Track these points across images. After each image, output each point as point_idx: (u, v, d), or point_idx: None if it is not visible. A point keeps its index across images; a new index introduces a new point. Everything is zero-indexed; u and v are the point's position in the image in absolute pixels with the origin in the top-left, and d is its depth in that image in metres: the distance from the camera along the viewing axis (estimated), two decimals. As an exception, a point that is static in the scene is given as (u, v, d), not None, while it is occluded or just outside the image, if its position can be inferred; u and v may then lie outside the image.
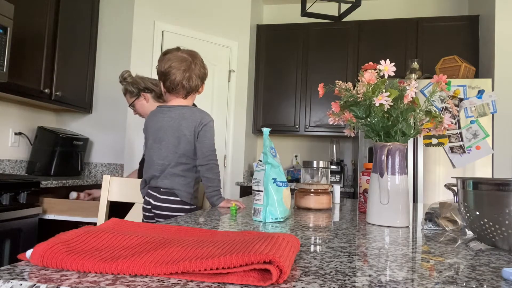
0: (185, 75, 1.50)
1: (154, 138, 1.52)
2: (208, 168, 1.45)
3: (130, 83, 1.91)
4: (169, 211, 1.45)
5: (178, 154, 1.47)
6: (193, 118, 1.49)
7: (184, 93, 1.53)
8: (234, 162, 3.65)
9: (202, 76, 1.57)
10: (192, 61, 1.53)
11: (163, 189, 1.47)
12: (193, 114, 1.51)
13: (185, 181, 1.47)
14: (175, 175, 1.47)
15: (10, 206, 1.94)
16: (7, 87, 2.30)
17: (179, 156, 1.47)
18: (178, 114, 1.50)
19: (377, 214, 1.07)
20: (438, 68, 3.16)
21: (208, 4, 3.54)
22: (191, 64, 1.52)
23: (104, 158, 3.12)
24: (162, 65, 1.52)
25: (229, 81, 3.65)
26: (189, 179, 1.48)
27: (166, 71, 1.51)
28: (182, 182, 1.47)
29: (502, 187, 0.74)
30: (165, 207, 1.45)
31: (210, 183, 1.44)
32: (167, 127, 1.50)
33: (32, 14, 2.50)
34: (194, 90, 1.55)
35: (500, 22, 3.11)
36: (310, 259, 0.64)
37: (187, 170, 1.48)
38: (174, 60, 1.51)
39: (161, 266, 0.50)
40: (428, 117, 1.09)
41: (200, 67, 1.56)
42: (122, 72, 1.93)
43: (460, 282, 0.54)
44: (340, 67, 3.76)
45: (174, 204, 1.45)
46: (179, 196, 1.46)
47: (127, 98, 1.99)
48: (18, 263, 0.54)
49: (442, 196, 2.92)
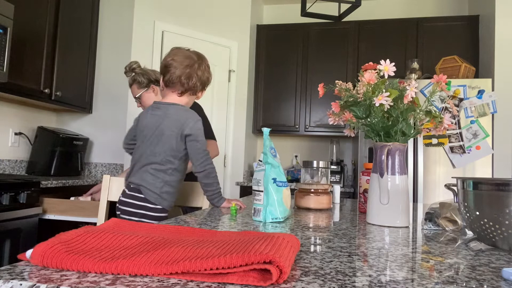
0: (186, 71, 1.47)
1: (139, 134, 1.51)
2: (205, 175, 1.43)
3: (140, 73, 1.89)
4: (131, 207, 1.43)
5: (153, 152, 1.45)
6: (176, 118, 1.44)
7: (180, 89, 1.49)
8: (234, 162, 3.65)
9: (204, 80, 1.53)
10: (197, 61, 1.51)
11: (132, 184, 1.47)
12: (177, 113, 1.46)
13: (153, 180, 1.44)
14: (145, 172, 1.45)
15: (10, 206, 1.94)
16: (7, 87, 2.30)
17: (154, 155, 1.45)
18: (162, 113, 1.47)
19: (377, 214, 1.07)
20: (438, 68, 3.16)
21: (208, 4, 3.54)
22: (195, 63, 1.50)
23: (104, 158, 3.12)
24: (166, 58, 1.50)
25: (229, 81, 3.65)
26: (158, 179, 1.44)
27: (168, 64, 1.48)
28: (150, 181, 1.44)
29: (502, 187, 0.74)
30: (129, 202, 1.44)
31: (209, 187, 1.43)
32: (151, 125, 1.47)
33: (32, 14, 2.50)
34: (192, 90, 1.51)
35: (500, 22, 3.11)
36: (310, 259, 0.64)
37: (159, 170, 1.45)
38: (179, 55, 1.49)
39: (161, 266, 0.50)
40: (428, 117, 1.09)
41: (204, 70, 1.52)
42: (130, 63, 1.90)
43: (460, 282, 0.54)
44: (340, 67, 3.76)
45: (137, 201, 1.43)
46: (143, 194, 1.43)
47: (133, 89, 1.95)
48: (18, 263, 0.54)
49: (442, 196, 2.92)
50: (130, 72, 1.90)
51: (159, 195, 1.44)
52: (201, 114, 2.06)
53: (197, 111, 2.13)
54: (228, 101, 3.64)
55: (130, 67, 1.89)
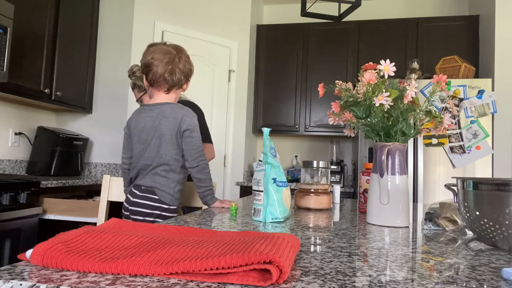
0: (168, 67, 1.47)
1: (138, 138, 1.50)
2: (199, 170, 1.44)
3: (139, 77, 1.90)
4: (146, 208, 1.44)
5: (159, 154, 1.45)
6: (174, 116, 1.45)
7: (166, 87, 1.49)
8: (234, 162, 3.65)
9: (187, 72, 1.53)
10: (176, 54, 1.49)
11: (144, 187, 1.47)
12: (173, 112, 1.46)
13: (166, 181, 1.45)
14: (156, 175, 1.46)
15: (10, 206, 1.94)
16: (7, 87, 2.30)
17: (161, 157, 1.45)
18: (158, 113, 1.47)
19: (377, 214, 1.07)
20: (438, 68, 3.16)
21: (208, 4, 3.54)
22: (175, 57, 1.49)
23: (104, 158, 3.12)
24: (145, 57, 1.50)
25: (229, 81, 3.65)
26: (170, 180, 1.46)
27: (148, 63, 1.48)
28: (163, 183, 1.45)
29: (502, 187, 0.74)
30: (143, 204, 1.45)
31: (202, 183, 1.44)
32: (149, 127, 1.48)
33: (32, 14, 2.50)
34: (177, 85, 1.51)
35: (500, 22, 3.11)
36: (310, 259, 0.64)
37: (169, 171, 1.46)
38: (157, 52, 1.48)
39: (161, 266, 0.50)
40: (428, 117, 1.09)
41: (185, 62, 1.51)
42: (131, 66, 1.91)
43: (460, 282, 0.54)
44: (340, 67, 3.76)
45: (152, 202, 1.44)
46: (158, 195, 1.45)
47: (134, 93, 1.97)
48: (18, 263, 0.54)
49: (442, 196, 2.92)
50: (132, 76, 1.91)
51: (172, 195, 1.46)
52: (201, 118, 2.06)
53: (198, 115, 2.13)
54: (228, 101, 3.64)
55: (131, 70, 1.90)
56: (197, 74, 3.19)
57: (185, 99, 2.11)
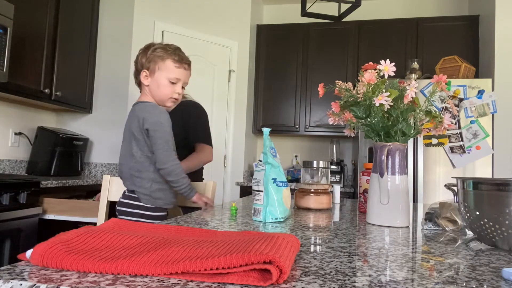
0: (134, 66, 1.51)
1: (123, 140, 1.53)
2: (167, 173, 1.41)
3: None
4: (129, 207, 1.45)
5: (131, 153, 1.45)
6: (138, 115, 1.43)
7: (136, 85, 1.52)
8: (234, 162, 3.65)
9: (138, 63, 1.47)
10: (140, 52, 1.48)
11: (127, 189, 1.49)
12: (140, 110, 1.44)
13: (140, 182, 1.44)
14: (132, 176, 1.46)
15: (10, 206, 1.94)
16: (7, 87, 2.30)
17: (132, 156, 1.45)
18: (132, 112, 1.48)
19: (377, 214, 1.07)
20: (438, 68, 3.16)
21: (208, 4, 3.54)
22: (138, 55, 1.49)
23: (104, 158, 3.12)
24: None
25: (229, 81, 3.65)
26: (145, 180, 1.44)
27: None
28: (138, 183, 1.45)
29: (502, 187, 0.74)
30: (127, 203, 1.46)
31: (174, 184, 1.44)
32: (125, 127, 1.50)
33: (32, 14, 2.50)
34: (137, 81, 1.50)
35: (500, 22, 3.11)
36: (310, 259, 0.64)
37: (141, 170, 1.45)
38: None
39: (161, 266, 0.50)
40: (428, 117, 1.09)
41: (139, 56, 1.48)
42: None
43: (460, 282, 0.54)
44: (340, 67, 3.76)
45: (133, 201, 1.45)
46: (137, 196, 1.45)
47: None
48: (18, 263, 0.54)
49: (442, 196, 2.92)
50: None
51: (149, 195, 1.45)
52: (204, 119, 2.05)
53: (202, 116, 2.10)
54: (228, 101, 3.64)
55: None
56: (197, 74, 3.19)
57: (190, 99, 2.09)
